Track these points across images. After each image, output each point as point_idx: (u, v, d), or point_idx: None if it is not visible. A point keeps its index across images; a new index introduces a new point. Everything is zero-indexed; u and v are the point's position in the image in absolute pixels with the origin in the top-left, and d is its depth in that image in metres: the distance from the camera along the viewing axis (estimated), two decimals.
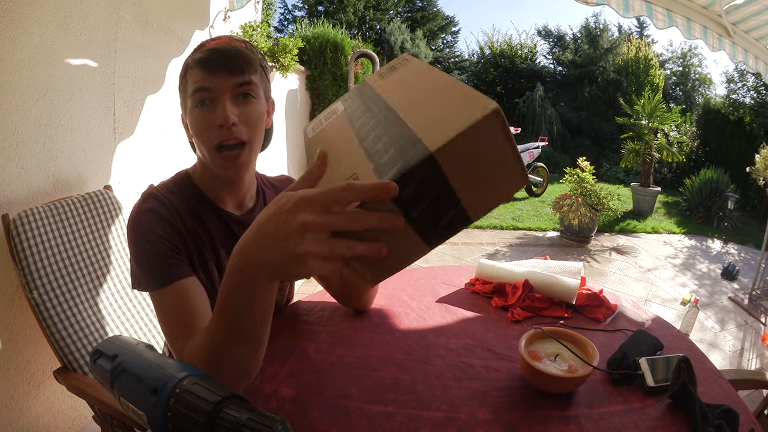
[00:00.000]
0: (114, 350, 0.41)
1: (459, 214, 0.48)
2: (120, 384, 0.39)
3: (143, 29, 1.91)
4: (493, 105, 0.43)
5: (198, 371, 0.37)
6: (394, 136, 0.49)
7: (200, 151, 0.83)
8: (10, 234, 1.21)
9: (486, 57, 12.08)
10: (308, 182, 0.48)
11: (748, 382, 1.12)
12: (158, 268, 0.74)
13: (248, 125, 0.79)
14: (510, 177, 0.48)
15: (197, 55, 0.77)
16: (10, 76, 1.30)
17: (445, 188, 0.46)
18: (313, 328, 0.94)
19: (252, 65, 0.79)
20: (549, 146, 8.65)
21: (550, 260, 1.23)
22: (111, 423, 1.12)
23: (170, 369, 0.37)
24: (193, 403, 0.34)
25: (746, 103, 7.55)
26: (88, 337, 1.27)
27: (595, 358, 0.75)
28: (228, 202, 0.88)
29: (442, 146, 0.43)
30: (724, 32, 2.73)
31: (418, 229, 0.47)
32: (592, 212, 4.35)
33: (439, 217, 0.48)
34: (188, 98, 0.79)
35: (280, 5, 11.51)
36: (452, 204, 0.47)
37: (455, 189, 0.46)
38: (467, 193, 0.47)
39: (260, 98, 0.82)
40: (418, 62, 0.63)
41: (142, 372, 0.37)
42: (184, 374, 0.36)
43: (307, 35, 4.71)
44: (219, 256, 0.86)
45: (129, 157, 1.89)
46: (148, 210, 0.79)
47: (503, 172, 0.48)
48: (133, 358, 0.39)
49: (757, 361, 2.59)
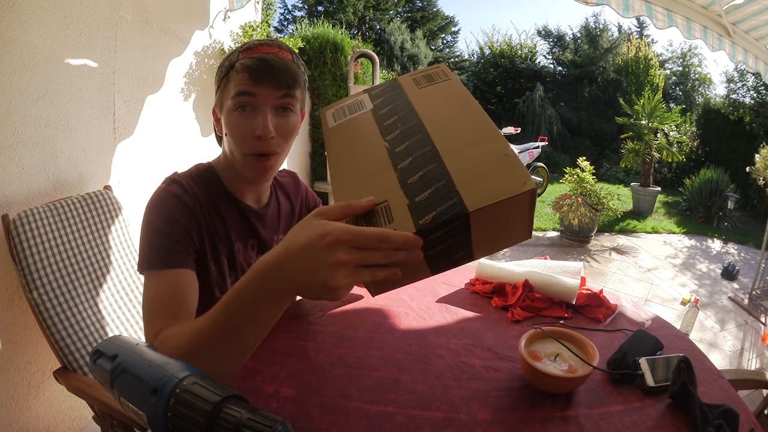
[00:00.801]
0: (114, 350, 0.41)
1: (467, 255, 0.55)
2: (120, 384, 0.39)
3: (143, 29, 1.91)
4: (531, 185, 0.49)
5: (198, 371, 0.37)
6: (432, 177, 0.53)
7: (231, 151, 0.85)
8: (10, 234, 1.21)
9: (486, 57, 12.09)
10: (345, 214, 0.50)
11: (748, 382, 1.12)
12: (166, 251, 0.75)
13: (283, 137, 0.82)
14: (519, 234, 0.56)
15: (245, 61, 0.77)
16: (10, 76, 1.30)
17: (465, 237, 0.52)
18: (313, 328, 0.94)
19: (297, 81, 0.81)
20: (549, 146, 8.66)
21: (550, 260, 1.23)
22: (111, 423, 1.12)
23: (170, 369, 0.37)
24: (193, 403, 0.34)
25: (746, 102, 7.55)
26: (88, 337, 1.27)
27: (595, 358, 0.75)
28: (248, 197, 0.92)
29: (478, 209, 0.49)
30: (724, 32, 2.73)
31: (430, 262, 0.53)
32: (592, 212, 4.35)
33: (450, 256, 0.54)
34: (228, 99, 0.80)
35: (280, 5, 11.52)
36: (465, 248, 0.53)
37: (473, 239, 0.52)
38: (481, 241, 0.53)
39: (297, 112, 0.85)
40: (457, 82, 0.67)
41: (142, 372, 0.37)
42: (185, 374, 0.36)
43: (306, 35, 4.70)
44: (233, 248, 0.88)
45: (129, 158, 1.89)
46: (172, 194, 0.80)
47: (516, 231, 0.55)
48: (133, 358, 0.39)
49: (757, 360, 2.59)
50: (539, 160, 6.80)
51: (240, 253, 0.90)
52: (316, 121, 4.86)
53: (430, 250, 0.51)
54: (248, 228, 0.91)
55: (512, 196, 0.49)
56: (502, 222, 0.52)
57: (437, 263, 0.54)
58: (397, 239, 0.46)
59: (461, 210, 0.48)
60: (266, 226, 0.95)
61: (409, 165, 0.56)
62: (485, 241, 0.54)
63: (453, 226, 0.49)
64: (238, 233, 0.89)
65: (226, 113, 0.82)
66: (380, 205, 0.52)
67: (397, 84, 0.70)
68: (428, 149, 0.57)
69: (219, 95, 0.84)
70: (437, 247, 0.51)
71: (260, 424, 0.32)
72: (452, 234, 0.50)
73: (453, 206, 0.49)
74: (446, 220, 0.49)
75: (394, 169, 0.56)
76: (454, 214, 0.48)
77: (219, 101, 0.85)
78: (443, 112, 0.63)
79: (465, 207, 0.49)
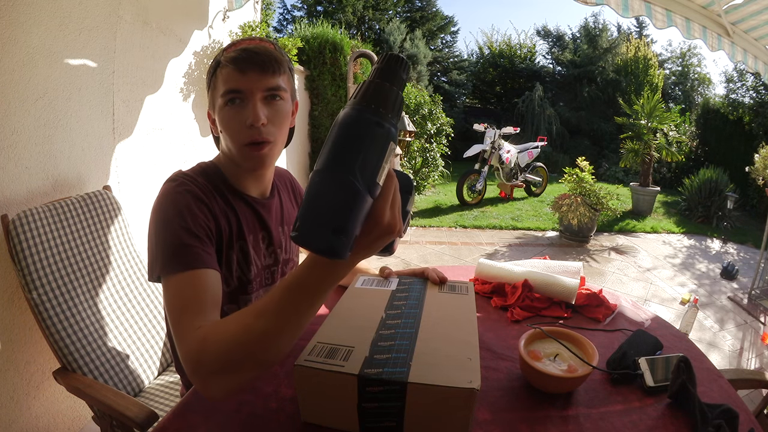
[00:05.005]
0: None
1: (397, 428, 0.60)
2: None
3: (142, 29, 1.91)
4: (474, 385, 0.56)
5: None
6: (398, 349, 0.64)
7: (227, 146, 0.86)
8: (10, 234, 1.21)
9: (485, 57, 12.08)
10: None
11: (748, 381, 1.12)
12: (190, 250, 0.71)
13: (275, 125, 0.83)
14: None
15: (229, 54, 0.80)
16: (9, 76, 1.30)
17: (399, 407, 0.58)
18: (313, 327, 0.94)
19: (281, 66, 0.82)
20: (548, 146, 8.66)
21: (550, 260, 1.23)
22: (110, 423, 1.11)
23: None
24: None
25: (745, 102, 7.56)
26: (88, 337, 1.26)
27: (595, 358, 0.75)
28: (252, 190, 0.92)
29: (418, 383, 0.56)
30: (724, 32, 2.73)
31: (361, 415, 0.60)
32: (592, 212, 4.35)
33: (380, 419, 0.60)
34: (219, 96, 0.81)
35: (279, 5, 11.49)
36: (396, 419, 0.59)
37: (407, 414, 0.58)
38: (414, 422, 0.59)
39: (287, 100, 0.86)
40: (471, 299, 0.83)
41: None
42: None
43: (306, 35, 4.70)
44: (246, 241, 0.88)
45: (128, 158, 1.89)
46: (185, 191, 0.78)
47: (454, 430, 0.59)
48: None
49: (756, 360, 2.59)
50: (538, 160, 6.80)
51: (252, 246, 0.90)
52: (316, 121, 4.85)
53: (364, 403, 0.58)
54: (258, 220, 0.92)
55: (452, 386, 0.56)
56: (440, 412, 0.58)
57: (367, 420, 0.60)
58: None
59: (403, 378, 0.57)
60: (272, 218, 0.95)
61: (389, 335, 0.68)
62: (419, 425, 0.59)
63: (390, 389, 0.57)
64: (250, 226, 0.90)
65: (218, 111, 0.83)
66: (347, 347, 0.63)
67: (425, 281, 0.90)
68: (412, 331, 0.69)
69: (210, 96, 0.86)
70: (372, 402, 0.58)
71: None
72: (388, 396, 0.57)
73: (398, 373, 0.58)
74: (387, 379, 0.57)
75: (376, 332, 0.68)
76: (396, 379, 0.57)
77: (211, 102, 0.86)
78: (443, 313, 0.76)
79: (407, 377, 0.57)
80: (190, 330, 0.60)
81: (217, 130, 0.87)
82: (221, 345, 0.55)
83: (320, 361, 0.60)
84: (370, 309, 0.76)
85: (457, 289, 0.87)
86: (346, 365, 0.59)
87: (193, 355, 0.57)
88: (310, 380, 0.60)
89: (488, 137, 5.76)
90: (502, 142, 5.90)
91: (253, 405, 0.70)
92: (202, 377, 0.56)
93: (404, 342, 0.66)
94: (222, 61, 0.81)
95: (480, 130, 5.94)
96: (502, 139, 5.97)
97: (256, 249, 0.91)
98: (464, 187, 5.72)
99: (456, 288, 0.87)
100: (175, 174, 0.83)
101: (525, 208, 5.93)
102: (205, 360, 0.56)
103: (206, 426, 0.66)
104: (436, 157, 5.77)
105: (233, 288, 0.87)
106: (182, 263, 0.69)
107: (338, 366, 0.59)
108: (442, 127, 5.80)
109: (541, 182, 6.70)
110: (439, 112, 5.77)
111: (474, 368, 0.59)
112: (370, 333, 0.68)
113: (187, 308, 0.65)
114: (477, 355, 0.63)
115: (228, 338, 0.55)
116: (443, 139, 5.90)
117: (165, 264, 0.70)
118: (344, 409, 0.60)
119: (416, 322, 0.72)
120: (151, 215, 0.77)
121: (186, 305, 0.65)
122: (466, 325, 0.72)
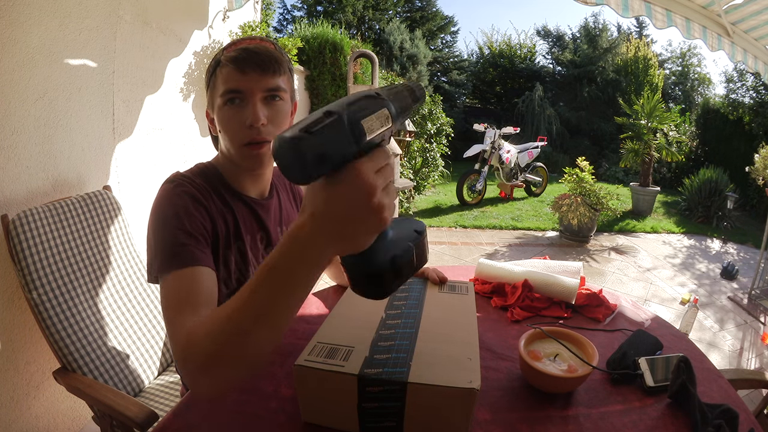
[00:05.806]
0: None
1: (397, 428, 0.60)
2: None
3: (142, 29, 1.91)
4: (474, 385, 0.56)
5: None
6: (398, 349, 0.64)
7: (226, 146, 0.86)
8: (10, 234, 1.21)
9: (485, 57, 12.08)
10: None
11: (748, 381, 1.12)
12: (186, 249, 0.71)
13: (275, 125, 0.83)
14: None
15: (229, 53, 0.80)
16: (9, 76, 1.30)
17: (399, 407, 0.58)
18: (313, 327, 0.94)
19: (282, 67, 0.82)
20: (548, 146, 8.66)
21: (550, 260, 1.23)
22: (110, 423, 1.11)
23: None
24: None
25: (745, 102, 7.56)
26: (88, 337, 1.26)
27: (595, 358, 0.75)
28: (251, 190, 0.92)
29: (417, 383, 0.57)
30: (724, 32, 2.73)
31: (362, 416, 0.60)
32: (592, 212, 4.35)
33: (380, 420, 0.60)
34: (218, 96, 0.81)
35: (279, 5, 11.49)
36: (396, 419, 0.59)
37: (406, 414, 0.59)
38: (414, 422, 0.59)
39: (287, 100, 0.86)
40: (471, 299, 0.84)
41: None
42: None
43: (306, 35, 4.70)
44: (244, 241, 0.88)
45: (128, 158, 1.89)
46: (183, 192, 0.78)
47: (453, 429, 0.59)
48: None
49: (756, 360, 2.59)
50: (538, 159, 6.80)
51: (249, 246, 0.90)
52: None
53: (364, 403, 0.59)
54: (256, 221, 0.92)
55: (452, 386, 0.56)
56: (440, 412, 0.58)
57: (367, 420, 0.60)
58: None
59: (403, 378, 0.57)
60: (271, 219, 0.95)
61: (389, 335, 0.68)
62: (418, 426, 0.60)
63: (390, 389, 0.58)
64: (247, 227, 0.89)
65: (217, 110, 0.83)
66: (347, 347, 0.64)
67: (425, 281, 0.91)
68: (412, 331, 0.70)
69: (209, 95, 0.86)
70: (372, 402, 0.59)
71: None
72: (388, 395, 0.58)
73: (398, 373, 0.58)
74: (387, 379, 0.57)
75: (376, 332, 0.69)
76: (396, 379, 0.57)
77: (210, 101, 0.86)
78: (443, 313, 0.77)
79: (407, 377, 0.58)
80: (180, 327, 0.60)
81: (215, 130, 0.87)
82: (202, 339, 0.53)
83: (320, 361, 0.60)
84: (370, 309, 0.76)
85: (457, 289, 0.87)
86: (346, 365, 0.60)
87: (180, 352, 0.56)
88: (310, 380, 0.60)
89: (488, 137, 5.77)
90: (502, 142, 5.90)
91: (253, 405, 0.70)
92: (190, 373, 0.54)
93: (404, 342, 0.66)
94: (222, 61, 0.81)
95: (480, 130, 5.94)
96: (502, 139, 5.97)
97: (253, 250, 0.91)
98: (464, 187, 5.73)
99: (456, 288, 0.88)
100: (173, 175, 0.83)
101: (525, 208, 5.92)
102: (190, 356, 0.54)
103: (206, 426, 0.66)
104: (436, 157, 5.77)
105: (233, 289, 0.87)
106: (177, 262, 0.70)
107: (338, 366, 0.59)
108: (442, 127, 5.80)
109: (541, 182, 6.70)
110: (439, 112, 5.77)
111: (474, 368, 0.60)
112: (370, 333, 0.68)
113: (180, 305, 0.64)
114: (477, 355, 0.63)
115: (207, 331, 0.52)
116: (443, 139, 5.90)
117: (162, 264, 0.71)
118: (344, 409, 0.60)
119: (416, 322, 0.73)
120: (149, 217, 0.77)
121: (179, 302, 0.65)
122: (466, 325, 0.73)
